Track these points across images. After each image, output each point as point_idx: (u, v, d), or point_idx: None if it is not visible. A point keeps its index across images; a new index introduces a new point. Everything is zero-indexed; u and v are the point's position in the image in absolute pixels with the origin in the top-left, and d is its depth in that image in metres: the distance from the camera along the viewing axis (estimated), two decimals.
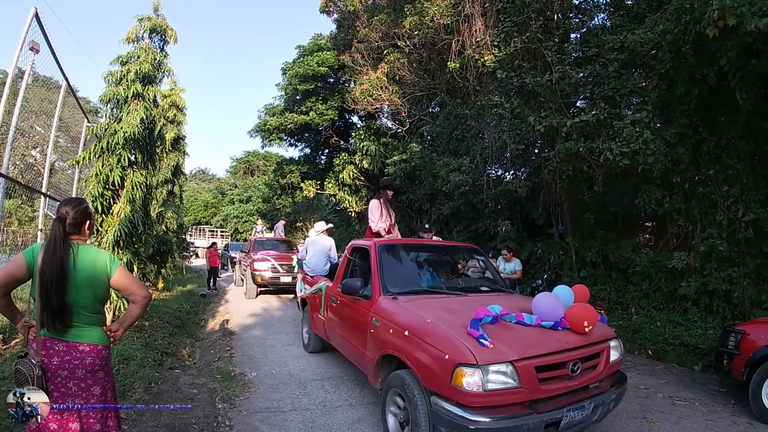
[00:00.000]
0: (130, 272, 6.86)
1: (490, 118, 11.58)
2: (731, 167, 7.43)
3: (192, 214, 49.76)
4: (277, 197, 27.36)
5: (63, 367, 2.67)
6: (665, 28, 7.57)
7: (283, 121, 22.12)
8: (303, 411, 5.06)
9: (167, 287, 13.35)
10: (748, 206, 7.00)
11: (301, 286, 7.97)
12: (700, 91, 7.32)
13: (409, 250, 5.98)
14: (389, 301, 4.62)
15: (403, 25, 14.23)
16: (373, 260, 5.23)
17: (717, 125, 7.69)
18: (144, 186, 7.39)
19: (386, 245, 5.60)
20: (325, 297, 6.42)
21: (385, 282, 4.94)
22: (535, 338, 3.65)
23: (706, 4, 6.12)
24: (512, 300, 4.91)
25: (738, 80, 6.56)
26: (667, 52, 7.71)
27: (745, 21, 5.84)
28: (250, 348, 7.83)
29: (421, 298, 4.73)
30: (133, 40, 7.87)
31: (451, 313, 4.07)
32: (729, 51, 6.44)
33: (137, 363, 5.84)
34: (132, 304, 2.93)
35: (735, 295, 7.05)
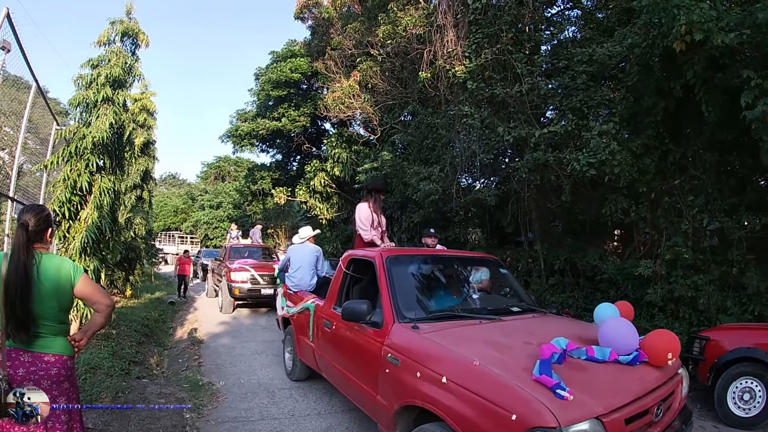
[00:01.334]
0: (97, 280, 6.78)
1: (460, 128, 11.58)
2: (696, 177, 7.51)
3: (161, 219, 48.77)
4: (248, 203, 26.97)
5: (28, 378, 2.59)
6: (633, 42, 7.65)
7: (255, 126, 21.75)
8: (271, 420, 5.01)
9: (135, 294, 13.07)
10: (713, 215, 7.07)
11: (283, 303, 6.70)
12: (666, 103, 7.40)
13: (423, 264, 4.91)
14: (408, 331, 3.60)
15: (377, 33, 14.16)
16: (381, 277, 4.20)
17: (683, 137, 7.78)
18: (112, 191, 7.26)
19: (395, 257, 4.53)
20: (315, 318, 5.31)
21: (399, 305, 3.91)
22: (615, 380, 2.90)
23: (674, 20, 6.17)
24: (560, 325, 4.15)
25: (704, 93, 6.64)
26: (635, 66, 7.79)
27: (711, 36, 5.92)
28: (218, 356, 7.70)
29: (447, 326, 3.72)
30: (104, 43, 7.76)
31: (499, 348, 3.21)
32: (695, 65, 6.52)
33: (104, 372, 5.76)
34: (96, 313, 2.89)
35: (701, 301, 7.09)
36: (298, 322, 5.99)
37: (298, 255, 6.99)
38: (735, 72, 6.09)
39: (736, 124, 6.33)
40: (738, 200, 7.20)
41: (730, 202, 7.20)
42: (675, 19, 6.15)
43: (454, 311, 4.19)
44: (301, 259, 6.90)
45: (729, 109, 6.48)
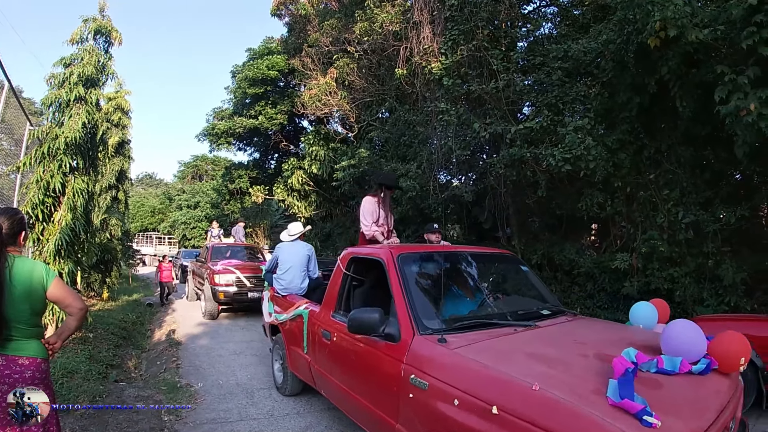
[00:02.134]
0: (72, 283, 6.57)
1: (436, 125, 11.53)
2: (671, 172, 7.54)
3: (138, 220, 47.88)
4: (226, 203, 26.71)
5: (3, 381, 2.55)
6: (608, 38, 7.66)
7: (232, 125, 21.51)
8: (250, 421, 4.90)
9: (112, 297, 12.71)
10: (688, 209, 7.11)
11: (270, 308, 6.05)
12: (641, 98, 7.42)
13: (439, 262, 4.21)
14: (435, 346, 2.91)
15: (354, 30, 14.05)
16: (394, 279, 3.51)
17: (657, 131, 7.80)
18: (86, 192, 7.10)
19: (407, 255, 3.86)
20: (310, 327, 4.61)
21: (418, 313, 3.24)
22: (694, 396, 2.38)
23: (648, 16, 6.18)
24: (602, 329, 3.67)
25: (678, 89, 6.66)
26: (610, 62, 7.82)
27: (686, 32, 5.96)
28: (196, 358, 7.56)
29: (478, 336, 3.05)
30: (77, 41, 7.60)
31: (553, 365, 2.55)
32: (670, 60, 6.54)
33: (81, 376, 5.59)
34: (69, 317, 2.83)
35: (677, 293, 7.15)
36: (289, 331, 5.23)
37: (287, 254, 6.15)
38: (709, 67, 6.12)
39: (710, 118, 6.35)
40: (713, 194, 7.25)
41: (705, 196, 7.25)
42: (649, 15, 6.16)
43: (482, 317, 3.51)
44: (291, 258, 6.09)
45: (703, 104, 6.51)
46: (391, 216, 6.13)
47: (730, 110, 5.57)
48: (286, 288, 5.94)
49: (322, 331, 4.30)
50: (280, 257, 6.20)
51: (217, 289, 10.82)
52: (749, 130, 5.52)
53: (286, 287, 5.94)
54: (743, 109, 5.46)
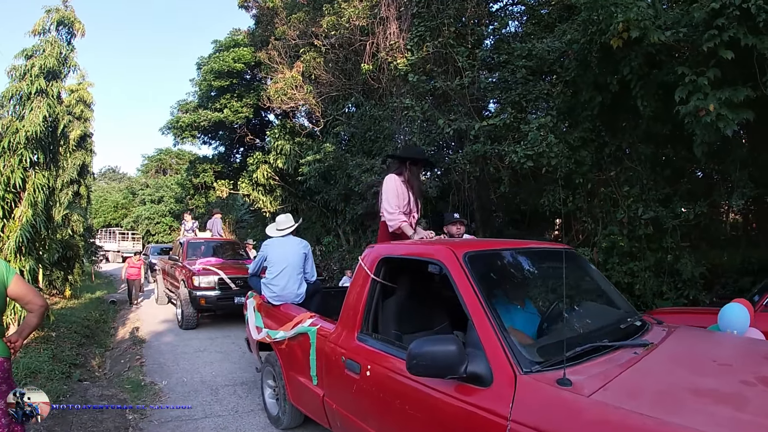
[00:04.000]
0: (34, 280, 6.36)
1: (402, 120, 11.50)
2: (632, 169, 7.65)
3: (101, 215, 46.50)
4: (190, 197, 26.08)
5: None
6: (572, 38, 7.70)
7: (197, 118, 20.82)
8: (215, 417, 4.86)
9: (75, 294, 12.33)
10: (647, 205, 7.22)
11: (258, 321, 4.87)
12: (603, 97, 7.49)
13: (514, 264, 3.33)
14: (555, 391, 1.94)
15: (321, 24, 13.84)
16: (468, 290, 2.45)
17: (619, 130, 7.89)
18: (47, 188, 6.99)
19: (478, 255, 2.83)
20: (323, 353, 3.46)
21: (514, 339, 2.24)
22: None
23: (612, 17, 6.18)
24: (729, 343, 2.97)
25: (640, 88, 6.72)
26: (573, 61, 7.86)
27: (648, 33, 5.98)
28: (161, 356, 7.41)
29: (600, 368, 2.13)
30: (39, 32, 7.47)
31: (731, 402, 1.92)
32: (632, 61, 6.59)
33: (44, 376, 5.47)
34: (29, 314, 2.82)
35: (637, 287, 7.25)
36: (288, 353, 4.06)
37: (278, 253, 5.05)
38: (670, 68, 6.18)
39: (670, 118, 6.43)
40: (672, 190, 7.38)
41: (665, 192, 7.36)
42: (613, 16, 6.16)
43: (588, 339, 2.40)
44: (284, 258, 4.98)
45: (664, 103, 6.61)
46: (419, 200, 4.60)
47: (690, 110, 5.65)
48: (278, 296, 4.81)
49: (346, 360, 3.10)
50: (269, 257, 5.08)
51: (197, 293, 9.12)
52: (708, 130, 5.60)
53: (278, 294, 4.81)
54: (702, 109, 5.53)
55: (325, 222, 17.55)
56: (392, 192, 4.24)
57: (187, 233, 14.20)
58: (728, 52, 5.38)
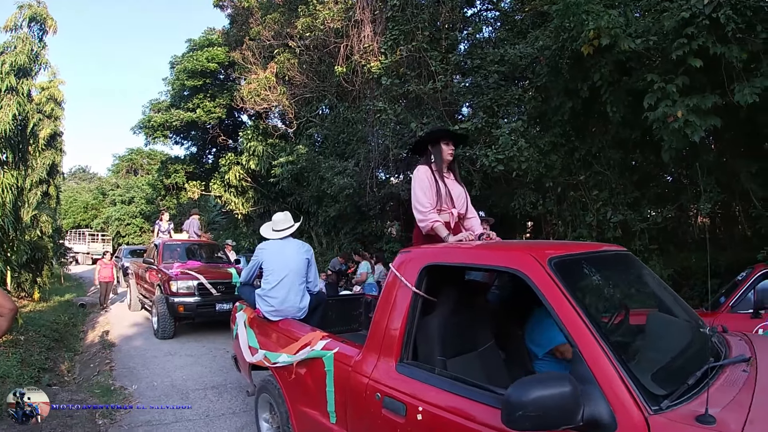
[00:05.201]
0: (1, 283, 6.10)
1: (375, 123, 11.46)
2: (601, 173, 7.71)
3: (71, 216, 45.22)
4: (161, 198, 25.66)
5: None
6: (544, 44, 7.77)
7: (169, 117, 20.50)
8: (186, 422, 4.75)
9: (44, 297, 11.88)
10: (616, 208, 7.29)
11: (252, 339, 4.03)
12: (573, 103, 7.57)
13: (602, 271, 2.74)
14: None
15: (296, 25, 13.77)
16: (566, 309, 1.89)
17: (589, 135, 7.98)
18: (15, 188, 6.88)
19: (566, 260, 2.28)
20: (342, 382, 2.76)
21: (636, 369, 1.75)
22: None
23: (583, 24, 6.25)
24: None
25: (609, 94, 6.78)
26: (545, 67, 7.91)
27: (619, 41, 6.04)
28: (131, 360, 7.24)
29: (727, 396, 1.72)
30: (11, 28, 7.35)
31: None
32: (602, 68, 6.66)
33: (13, 381, 5.35)
34: None
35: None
36: (296, 382, 3.28)
37: (276, 259, 4.25)
38: (640, 75, 6.25)
39: (639, 123, 6.50)
40: (641, 194, 7.45)
41: (633, 197, 7.43)
42: (584, 24, 6.22)
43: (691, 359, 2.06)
44: (283, 265, 4.20)
45: (633, 109, 6.68)
46: (457, 188, 3.60)
47: (658, 116, 5.70)
48: (277, 310, 4.01)
49: (383, 397, 2.38)
50: (265, 263, 4.27)
51: (175, 300, 8.34)
52: (676, 136, 5.65)
53: (277, 309, 4.01)
54: (671, 115, 5.59)
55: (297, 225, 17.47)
56: (421, 185, 3.42)
57: (162, 234, 13.02)
58: (697, 61, 5.44)
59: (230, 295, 8.42)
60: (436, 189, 3.42)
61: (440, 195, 3.41)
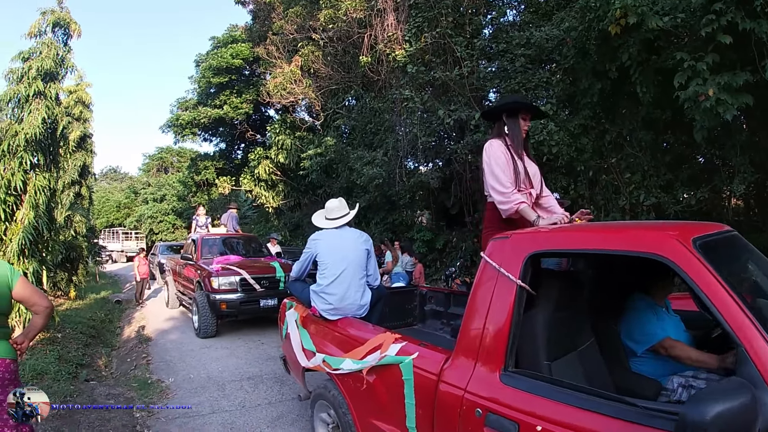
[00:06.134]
0: (38, 282, 6.39)
1: (402, 112, 11.51)
2: (633, 155, 7.64)
3: (104, 215, 46.41)
4: (192, 194, 26.22)
5: None
6: (571, 26, 7.72)
7: (197, 115, 20.98)
8: (222, 413, 4.84)
9: (80, 295, 12.30)
10: (649, 191, 7.22)
11: (306, 341, 3.69)
12: (602, 84, 7.51)
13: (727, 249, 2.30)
14: None
15: (318, 17, 13.84)
16: (727, 301, 1.61)
17: (619, 116, 7.90)
18: (48, 189, 6.92)
19: (707, 241, 1.95)
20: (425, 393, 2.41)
21: None
22: None
23: (609, 3, 6.22)
24: None
25: (639, 75, 6.72)
26: (572, 48, 7.86)
27: (646, 19, 5.98)
28: (167, 353, 7.39)
29: None
30: (35, 34, 7.42)
31: None
32: (630, 47, 6.60)
33: (51, 377, 5.43)
34: (35, 315, 2.83)
35: None
36: (365, 391, 2.88)
37: (333, 251, 3.83)
38: (669, 54, 6.18)
39: (670, 104, 6.43)
40: (674, 176, 7.37)
41: (666, 179, 7.36)
42: (610, 2, 6.20)
43: None
44: (342, 257, 3.79)
45: (663, 89, 6.59)
46: (533, 165, 3.28)
47: (689, 95, 5.63)
48: (336, 308, 3.64)
49: (486, 414, 2.03)
50: (320, 256, 3.86)
51: (217, 297, 8.02)
52: (707, 115, 5.59)
53: (336, 307, 3.64)
54: (702, 94, 5.52)
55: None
56: (497, 161, 3.04)
57: (199, 229, 12.66)
58: (726, 37, 5.37)
59: (275, 291, 8.27)
60: (514, 167, 3.06)
61: (518, 173, 3.06)
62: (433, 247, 12.34)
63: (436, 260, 12.33)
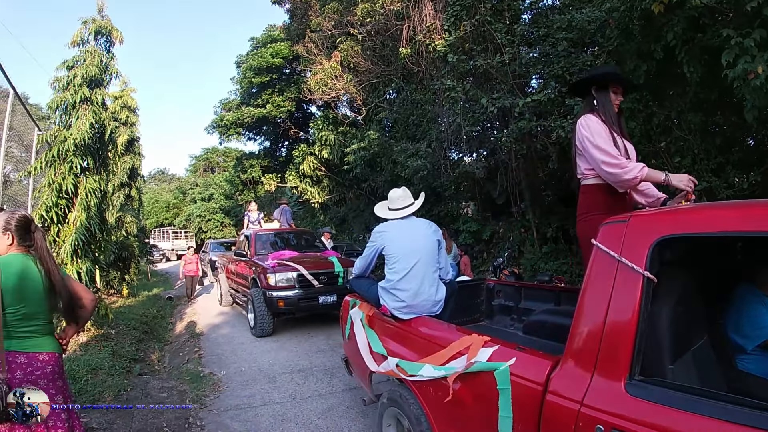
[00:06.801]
0: (91, 281, 6.79)
1: (444, 102, 11.55)
2: (682, 139, 7.46)
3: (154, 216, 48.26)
4: (239, 193, 26.92)
5: (26, 379, 2.63)
6: (612, 6, 7.58)
7: (240, 115, 21.63)
8: (273, 405, 5.00)
9: (132, 293, 12.88)
10: (700, 175, 7.03)
11: (375, 343, 3.45)
12: (648, 66, 7.33)
13: None
14: None
15: (355, 12, 14.06)
16: None
17: (666, 98, 7.71)
18: (98, 192, 7.20)
19: None
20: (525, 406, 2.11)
21: None
22: None
23: None
24: None
25: (685, 54, 6.54)
26: (615, 30, 7.72)
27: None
28: (218, 347, 7.68)
29: None
30: (78, 43, 7.65)
31: None
32: (675, 26, 6.42)
33: (105, 372, 5.65)
34: (80, 309, 2.95)
35: None
36: (449, 403, 2.54)
37: (403, 243, 3.53)
38: (715, 31, 6.02)
39: (718, 83, 6.27)
40: (725, 159, 7.17)
41: (717, 162, 7.16)
42: None
43: None
44: (413, 250, 3.49)
45: (711, 68, 6.42)
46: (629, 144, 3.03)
47: (738, 74, 5.48)
48: (409, 306, 3.33)
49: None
50: (387, 249, 3.55)
51: (274, 294, 7.84)
52: (758, 94, 5.44)
53: (409, 304, 3.34)
54: (751, 72, 5.37)
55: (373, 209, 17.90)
56: (602, 134, 2.79)
57: (252, 225, 12.69)
58: None
59: (333, 287, 8.15)
60: (614, 143, 2.80)
61: (618, 150, 2.80)
62: (479, 238, 12.39)
63: (483, 251, 12.39)
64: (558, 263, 9.40)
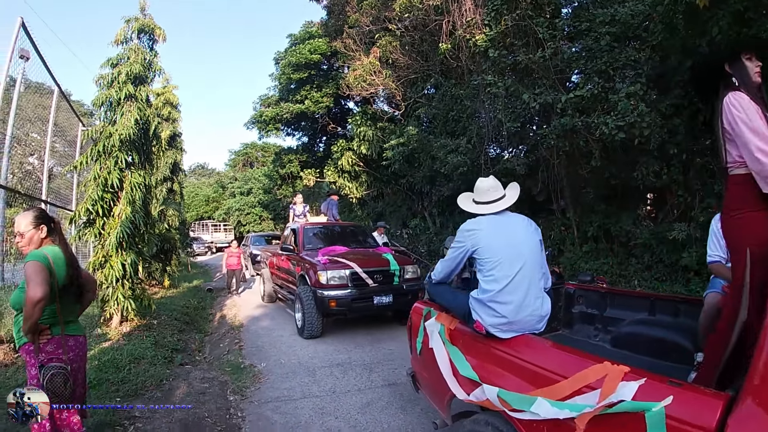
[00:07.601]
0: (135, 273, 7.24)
1: (484, 98, 11.61)
2: None
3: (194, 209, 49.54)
4: (278, 187, 27.39)
5: (75, 360, 2.95)
6: (656, 0, 7.52)
7: (279, 111, 22.11)
8: (313, 398, 5.12)
9: (174, 284, 13.37)
10: None
11: (461, 365, 2.91)
12: (693, 61, 7.27)
13: None
14: None
15: (393, 7, 14.18)
16: None
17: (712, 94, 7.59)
18: (143, 186, 7.45)
19: None
20: None
21: None
22: None
23: None
24: None
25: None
26: (659, 24, 7.65)
27: None
28: (258, 339, 7.90)
29: None
30: (121, 41, 7.91)
31: None
32: (720, 20, 6.37)
33: (147, 361, 5.89)
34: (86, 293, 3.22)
35: None
36: None
37: (501, 243, 2.91)
38: (762, 26, 5.97)
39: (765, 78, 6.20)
40: None
41: None
42: None
43: None
44: (515, 253, 2.89)
45: None
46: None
47: None
48: (511, 323, 2.78)
49: None
50: (482, 250, 2.93)
51: (325, 293, 7.40)
52: None
53: (512, 320, 2.78)
54: None
55: (411, 205, 18.04)
56: (752, 116, 2.30)
57: (297, 219, 12.12)
58: None
59: (389, 286, 7.71)
60: (766, 122, 2.31)
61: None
62: None
63: None
64: (599, 263, 9.35)
